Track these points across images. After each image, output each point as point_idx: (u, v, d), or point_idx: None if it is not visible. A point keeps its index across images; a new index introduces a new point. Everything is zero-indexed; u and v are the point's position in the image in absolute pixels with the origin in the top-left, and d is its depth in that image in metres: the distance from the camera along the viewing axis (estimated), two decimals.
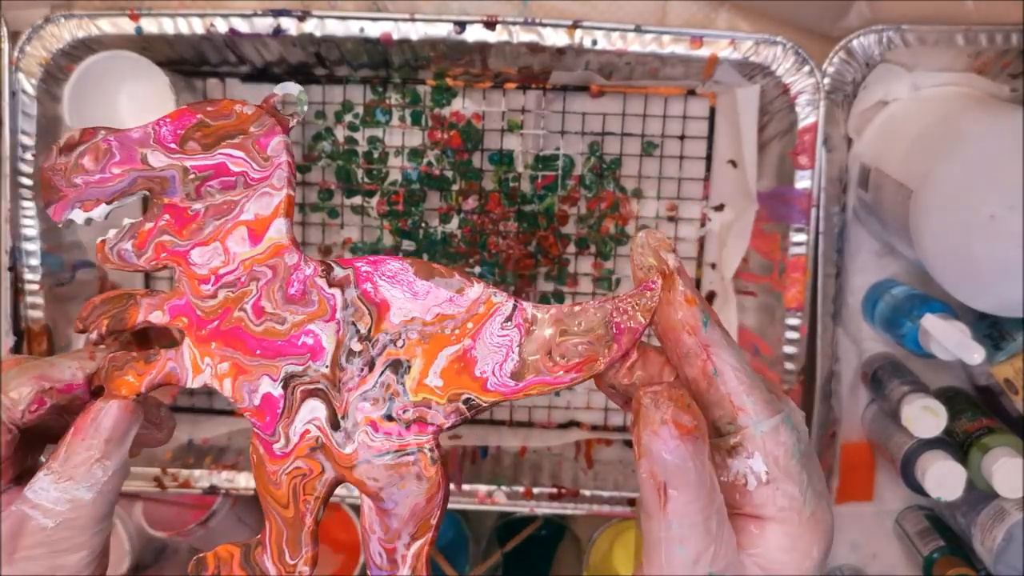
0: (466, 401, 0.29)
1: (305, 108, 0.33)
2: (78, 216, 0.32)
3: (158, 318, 0.32)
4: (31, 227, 0.64)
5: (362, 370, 0.30)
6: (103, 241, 0.33)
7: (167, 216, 0.32)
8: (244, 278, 0.31)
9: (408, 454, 0.30)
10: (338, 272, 0.31)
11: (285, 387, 0.31)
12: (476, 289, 0.30)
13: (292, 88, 0.33)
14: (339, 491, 0.66)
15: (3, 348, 0.65)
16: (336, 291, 0.31)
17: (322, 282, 0.31)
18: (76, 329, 0.33)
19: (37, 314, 0.65)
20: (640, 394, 0.26)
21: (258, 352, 0.31)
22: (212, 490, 0.68)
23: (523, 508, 0.68)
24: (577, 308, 0.29)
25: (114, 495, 0.31)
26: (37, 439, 0.33)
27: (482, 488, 0.67)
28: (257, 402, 0.31)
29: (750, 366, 0.27)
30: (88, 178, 0.32)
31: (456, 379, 0.30)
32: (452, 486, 0.67)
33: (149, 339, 0.35)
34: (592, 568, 0.72)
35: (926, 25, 0.61)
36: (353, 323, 0.31)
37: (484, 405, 0.29)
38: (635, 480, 0.68)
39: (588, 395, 0.73)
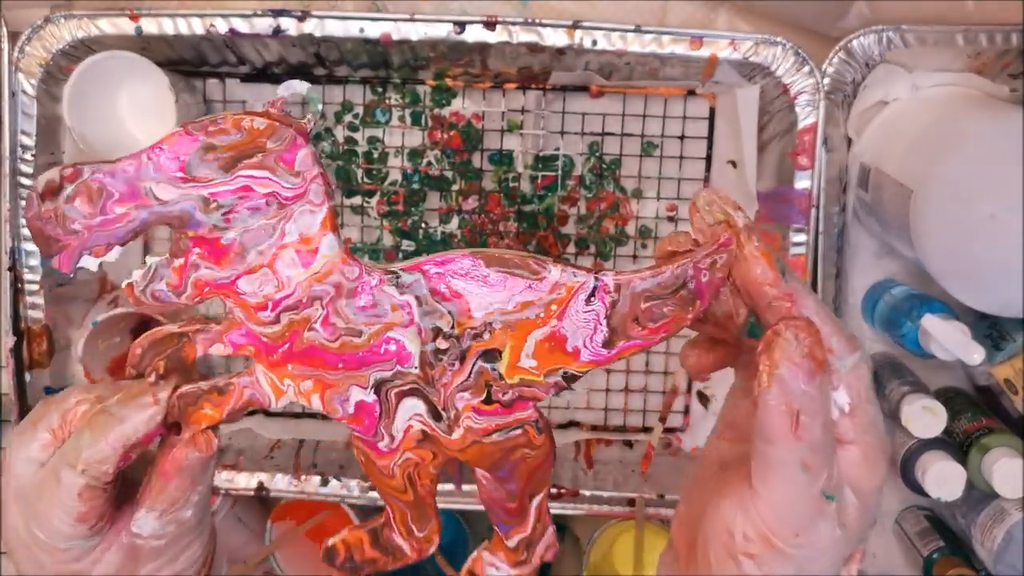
0: (563, 375, 0.30)
1: (319, 107, 0.31)
2: (90, 263, 0.30)
3: (220, 351, 0.31)
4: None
5: (453, 364, 0.31)
6: (130, 285, 0.30)
7: (197, 249, 0.30)
8: (305, 299, 0.30)
9: (515, 429, 0.31)
10: (406, 278, 0.30)
11: (378, 392, 0.31)
12: (554, 272, 0.30)
13: (299, 87, 0.31)
14: (339, 491, 0.66)
15: (3, 348, 0.65)
16: (408, 296, 0.30)
17: (391, 290, 0.30)
18: (130, 375, 0.32)
19: (37, 314, 0.65)
20: (781, 327, 0.27)
21: (340, 366, 0.30)
22: (212, 490, 0.68)
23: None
24: (656, 272, 0.29)
25: (208, 498, 0.34)
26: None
27: None
28: (351, 410, 0.31)
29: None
30: (88, 222, 0.29)
31: (549, 357, 0.30)
32: (452, 487, 0.67)
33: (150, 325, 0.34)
34: (592, 568, 0.72)
35: (926, 25, 0.61)
36: (434, 323, 0.30)
37: (580, 375, 0.30)
38: (635, 480, 0.68)
39: (588, 395, 0.73)
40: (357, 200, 0.70)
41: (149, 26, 0.62)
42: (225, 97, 0.69)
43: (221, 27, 0.61)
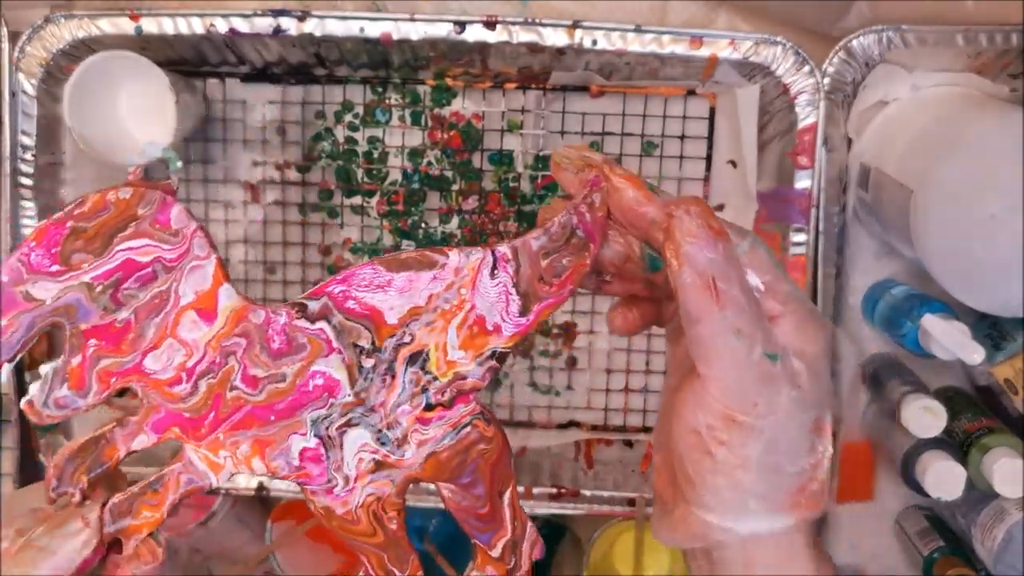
0: (492, 355, 0.30)
1: (179, 164, 0.30)
2: None
3: (144, 443, 0.30)
4: (31, 227, 0.64)
5: (384, 379, 0.30)
6: (29, 402, 0.28)
7: (94, 341, 0.28)
8: (218, 359, 0.29)
9: (464, 427, 0.30)
10: (313, 306, 0.29)
11: (318, 434, 0.30)
12: (453, 258, 0.30)
13: (152, 151, 0.30)
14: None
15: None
16: (321, 323, 0.29)
17: (302, 323, 0.29)
18: (49, 501, 0.29)
19: None
20: (672, 210, 0.28)
21: (272, 418, 0.29)
22: (212, 490, 0.67)
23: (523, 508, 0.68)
24: (543, 229, 0.30)
25: None
26: None
27: None
28: (296, 463, 0.30)
29: None
30: None
31: (474, 341, 0.30)
32: None
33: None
34: (592, 568, 0.72)
35: (926, 25, 0.61)
36: (354, 344, 0.30)
37: (508, 351, 0.31)
38: (635, 480, 0.68)
39: (588, 395, 0.73)
40: (357, 200, 0.70)
41: (149, 26, 0.62)
42: (225, 97, 0.69)
43: (221, 27, 0.61)
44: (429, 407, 0.30)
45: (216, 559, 0.77)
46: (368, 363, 0.30)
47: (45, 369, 0.29)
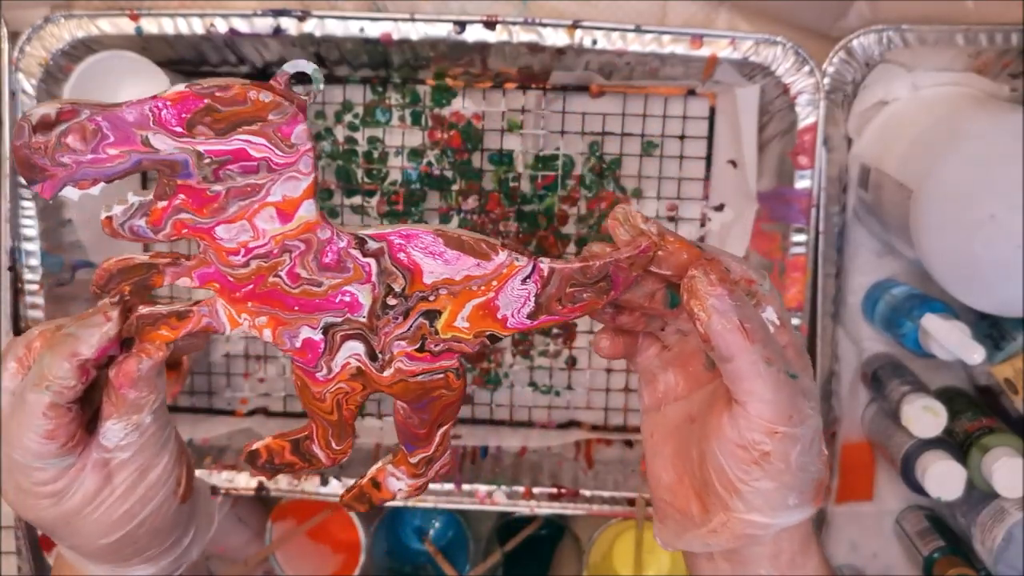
0: (489, 336, 0.35)
1: (321, 86, 0.33)
2: (71, 193, 0.31)
3: (186, 283, 0.33)
4: (31, 227, 0.64)
5: (397, 318, 0.34)
6: (109, 217, 0.32)
7: (182, 196, 0.32)
8: (276, 251, 0.33)
9: (438, 373, 0.35)
10: (372, 245, 0.33)
11: (325, 332, 0.34)
12: (501, 256, 0.34)
13: (305, 66, 0.32)
14: (339, 491, 0.66)
15: (3, 348, 0.65)
16: (371, 260, 0.33)
17: (356, 252, 0.33)
18: (93, 293, 0.34)
19: (37, 314, 0.65)
20: (692, 271, 0.33)
21: (296, 308, 0.34)
22: (212, 490, 0.68)
23: (523, 508, 0.68)
24: (585, 265, 0.34)
25: (164, 406, 0.36)
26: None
27: (482, 488, 0.67)
28: (298, 345, 0.34)
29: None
30: (78, 157, 0.30)
31: (480, 321, 0.34)
32: (452, 487, 0.67)
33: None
34: (592, 568, 0.72)
35: (926, 25, 0.61)
36: (388, 284, 0.34)
37: (503, 337, 0.35)
38: (635, 480, 0.68)
39: (588, 395, 0.73)
40: (357, 200, 0.70)
41: (149, 26, 0.62)
42: None
43: (221, 27, 0.61)
44: (421, 350, 0.35)
45: (216, 559, 0.77)
46: (392, 302, 0.34)
47: (133, 198, 0.32)
